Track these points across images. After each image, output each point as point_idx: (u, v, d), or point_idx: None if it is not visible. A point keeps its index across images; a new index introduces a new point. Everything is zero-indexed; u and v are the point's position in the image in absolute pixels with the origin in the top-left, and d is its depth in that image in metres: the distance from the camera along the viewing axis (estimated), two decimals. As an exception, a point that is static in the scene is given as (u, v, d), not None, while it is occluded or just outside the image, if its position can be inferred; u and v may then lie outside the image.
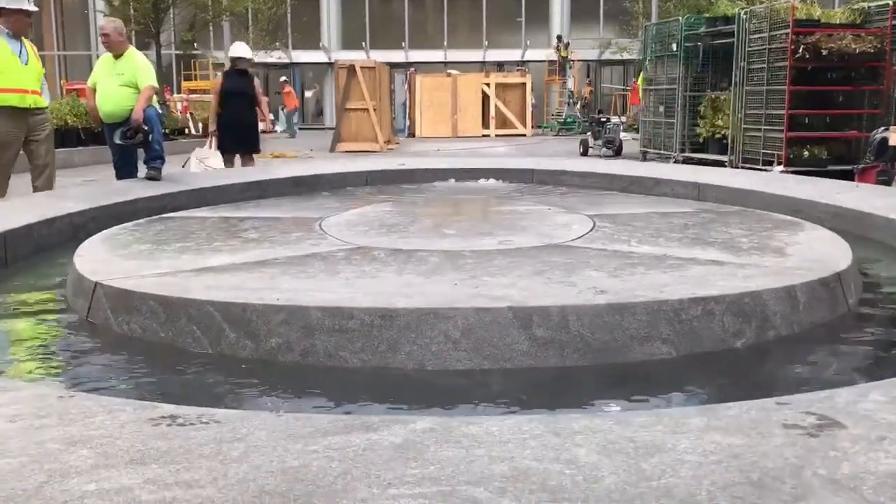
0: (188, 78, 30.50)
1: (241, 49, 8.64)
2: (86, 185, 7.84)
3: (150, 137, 6.47)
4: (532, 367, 2.64)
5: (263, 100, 8.83)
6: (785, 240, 4.20)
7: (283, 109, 26.00)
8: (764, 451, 1.46)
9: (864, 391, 1.79)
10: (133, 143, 6.55)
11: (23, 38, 5.96)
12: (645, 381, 2.51)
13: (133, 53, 6.62)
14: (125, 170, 6.90)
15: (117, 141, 6.52)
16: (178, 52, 28.36)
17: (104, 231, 4.57)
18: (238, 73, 8.56)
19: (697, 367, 2.65)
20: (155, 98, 6.81)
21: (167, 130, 16.11)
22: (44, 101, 6.10)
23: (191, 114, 20.25)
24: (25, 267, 4.24)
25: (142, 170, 6.81)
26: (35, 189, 6.08)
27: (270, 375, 2.55)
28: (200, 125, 18.93)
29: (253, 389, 2.45)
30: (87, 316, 3.24)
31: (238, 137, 8.61)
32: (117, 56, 6.50)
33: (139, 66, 6.52)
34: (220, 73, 8.80)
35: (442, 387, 2.48)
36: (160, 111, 7.17)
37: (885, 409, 1.66)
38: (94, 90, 6.64)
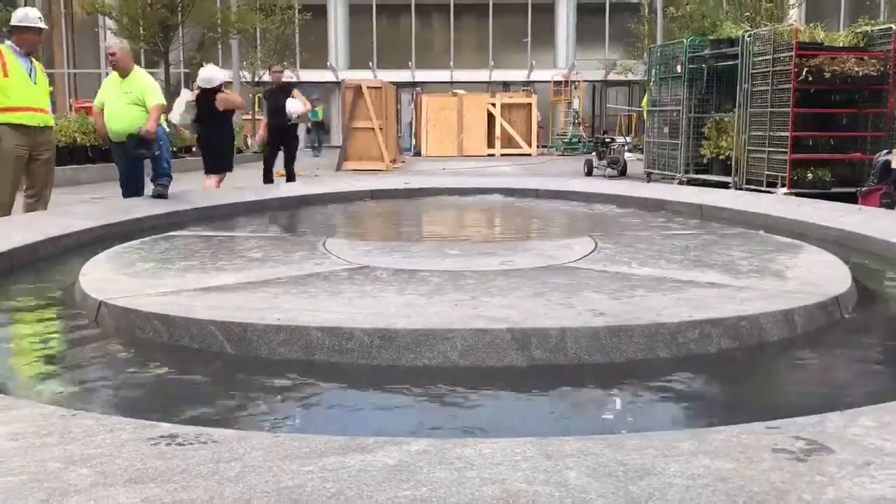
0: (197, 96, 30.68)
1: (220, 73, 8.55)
2: (93, 202, 7.89)
3: (159, 150, 6.55)
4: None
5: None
6: (785, 263, 4.22)
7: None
8: (751, 476, 1.48)
9: (854, 416, 1.81)
10: (142, 155, 6.61)
11: (31, 55, 6.02)
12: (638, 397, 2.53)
13: (140, 73, 6.69)
14: (132, 187, 6.95)
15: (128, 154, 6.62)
16: (186, 70, 28.59)
17: (110, 249, 4.62)
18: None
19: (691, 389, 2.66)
20: (163, 117, 6.90)
21: (175, 148, 16.22)
22: (51, 119, 6.16)
23: (198, 132, 20.34)
24: (32, 282, 4.28)
25: (149, 188, 6.87)
26: (28, 208, 6.05)
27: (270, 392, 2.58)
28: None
29: (254, 405, 2.47)
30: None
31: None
32: (124, 76, 6.57)
33: (147, 86, 6.59)
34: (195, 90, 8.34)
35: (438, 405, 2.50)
36: (168, 130, 7.25)
37: (874, 435, 1.68)
38: (101, 110, 6.70)
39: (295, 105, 9.40)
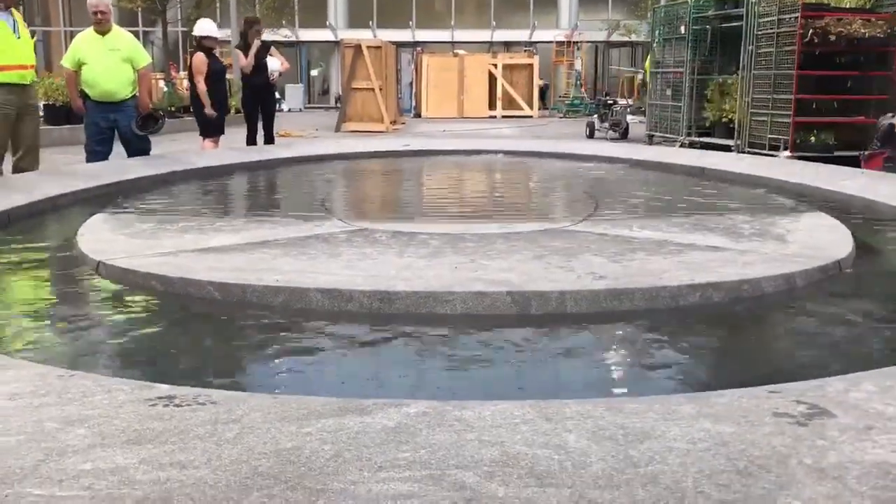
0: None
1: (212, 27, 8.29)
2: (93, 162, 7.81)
3: (164, 121, 6.43)
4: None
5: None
6: (787, 226, 4.19)
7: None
8: (752, 440, 1.47)
9: (855, 381, 1.80)
10: (155, 131, 6.50)
11: (12, 8, 5.80)
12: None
13: (119, 29, 6.52)
14: (101, 153, 6.53)
15: (137, 132, 6.44)
16: (184, 29, 28.25)
17: (107, 209, 4.59)
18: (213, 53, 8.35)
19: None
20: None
21: (172, 108, 16.07)
22: (34, 74, 5.99)
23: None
24: (31, 240, 4.26)
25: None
26: (18, 169, 5.85)
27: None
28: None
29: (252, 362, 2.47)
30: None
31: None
32: (105, 33, 6.32)
33: (136, 43, 6.47)
34: (197, 53, 8.17)
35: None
36: (165, 90, 7.16)
37: (876, 399, 1.67)
38: (77, 71, 6.33)
39: (274, 63, 9.29)
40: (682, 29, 12.36)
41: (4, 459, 1.40)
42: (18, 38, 5.69)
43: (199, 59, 8.03)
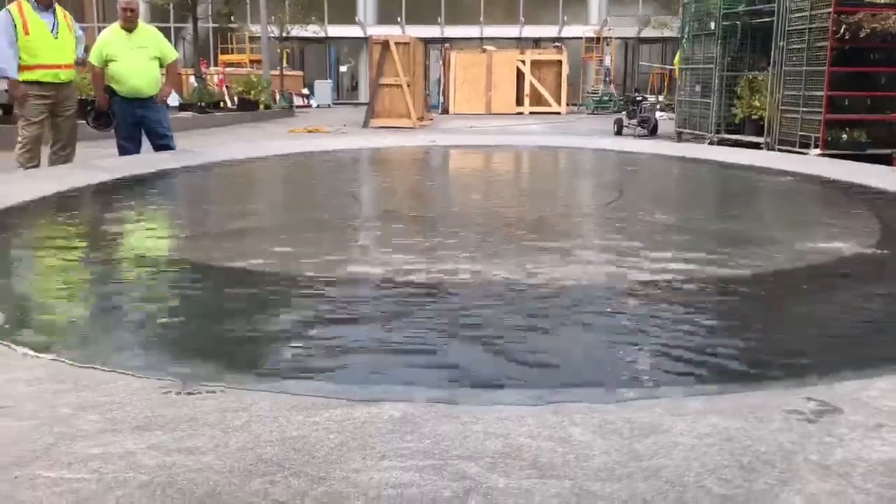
0: (224, 51, 30.68)
1: None
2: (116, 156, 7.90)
3: (115, 121, 6.45)
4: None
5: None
6: (812, 221, 4.14)
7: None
8: (759, 436, 1.46)
9: (870, 378, 1.78)
10: (105, 129, 6.52)
11: (56, 7, 5.84)
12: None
13: (146, 26, 6.56)
14: (131, 148, 6.59)
15: (90, 126, 6.50)
16: (214, 25, 28.52)
17: (130, 203, 4.65)
18: None
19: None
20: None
21: (203, 103, 16.22)
22: (73, 73, 6.05)
23: (227, 87, 20.37)
24: (65, 228, 4.33)
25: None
26: (54, 162, 5.98)
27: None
28: (236, 98, 19.05)
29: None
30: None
31: None
32: (132, 30, 6.33)
33: (163, 40, 6.52)
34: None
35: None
36: (196, 85, 7.23)
37: (888, 398, 1.65)
38: (103, 68, 6.33)
39: None
40: (712, 25, 12.22)
41: (17, 443, 1.44)
42: (56, 37, 5.76)
43: None
